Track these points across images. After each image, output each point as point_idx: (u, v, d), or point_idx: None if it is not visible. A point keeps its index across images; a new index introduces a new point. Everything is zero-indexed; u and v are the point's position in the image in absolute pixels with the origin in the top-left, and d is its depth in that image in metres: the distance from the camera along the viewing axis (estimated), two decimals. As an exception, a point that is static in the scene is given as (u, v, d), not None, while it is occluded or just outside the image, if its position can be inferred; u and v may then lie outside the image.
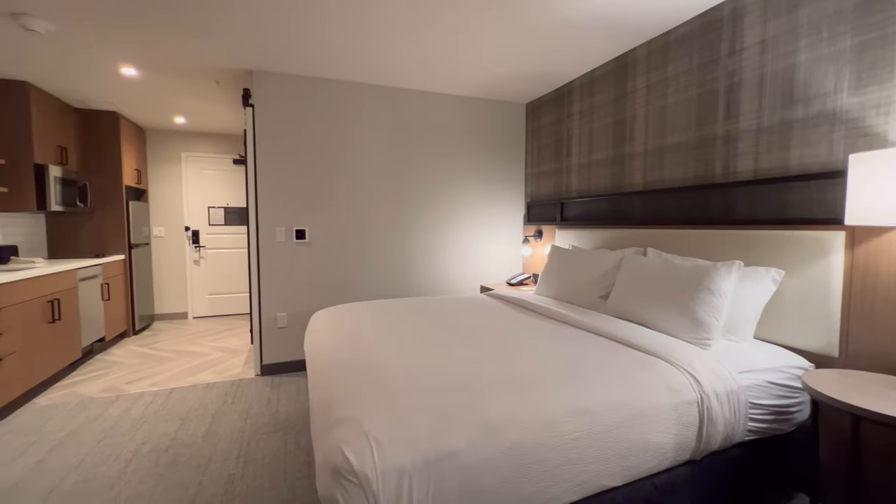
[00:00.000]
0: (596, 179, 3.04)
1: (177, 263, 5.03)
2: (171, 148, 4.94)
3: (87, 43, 2.59)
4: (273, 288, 3.18)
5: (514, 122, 3.87)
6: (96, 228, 4.02)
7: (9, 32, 2.44)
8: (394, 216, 3.51)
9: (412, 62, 2.93)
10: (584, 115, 3.13)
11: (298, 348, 3.26)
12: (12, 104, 3.18)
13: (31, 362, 2.68)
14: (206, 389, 2.89)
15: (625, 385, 1.34)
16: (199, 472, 1.93)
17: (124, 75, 3.13)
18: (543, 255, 3.63)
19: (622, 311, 2.10)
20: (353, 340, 1.75)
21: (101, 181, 4.03)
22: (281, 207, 3.17)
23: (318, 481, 1.07)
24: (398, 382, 1.29)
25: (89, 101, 3.79)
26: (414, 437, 1.06)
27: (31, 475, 1.91)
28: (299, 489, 1.82)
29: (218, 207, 5.15)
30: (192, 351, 3.80)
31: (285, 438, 2.24)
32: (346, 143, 3.32)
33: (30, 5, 2.15)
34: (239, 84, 3.29)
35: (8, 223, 3.37)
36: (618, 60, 2.80)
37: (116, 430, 2.33)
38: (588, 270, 2.48)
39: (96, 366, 3.41)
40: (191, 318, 5.07)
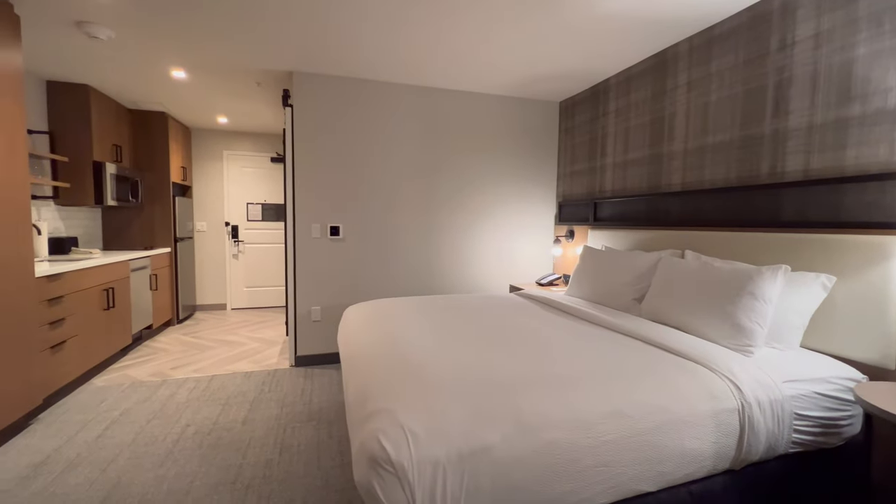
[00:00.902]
0: (631, 179, 2.97)
1: (217, 257, 5.27)
2: (213, 146, 5.18)
3: (142, 48, 2.75)
4: (308, 282, 3.29)
5: (546, 121, 3.83)
6: (146, 222, 4.27)
7: (74, 40, 2.62)
8: (424, 214, 3.55)
9: (444, 62, 2.95)
10: (621, 113, 3.07)
11: (331, 341, 3.35)
12: (76, 106, 3.43)
13: (89, 346, 2.89)
14: (244, 378, 3.02)
15: (661, 389, 1.32)
16: (240, 456, 2.03)
17: (174, 77, 3.31)
18: (575, 255, 3.58)
19: (658, 314, 2.05)
20: (386, 335, 1.79)
21: (150, 178, 4.28)
22: (316, 204, 3.27)
23: (355, 469, 1.11)
24: (432, 377, 1.32)
25: (141, 103, 4.02)
26: (448, 431, 1.08)
27: (91, 448, 2.07)
28: (332, 478, 1.88)
29: (256, 204, 5.36)
30: (231, 341, 3.98)
31: (318, 428, 2.32)
32: (380, 142, 3.38)
33: (94, 14, 2.31)
34: (279, 85, 3.41)
35: (69, 216, 3.64)
36: (657, 57, 2.73)
37: (164, 412, 2.48)
38: (622, 272, 2.43)
39: (144, 351, 3.63)
40: (229, 309, 5.30)
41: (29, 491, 1.75)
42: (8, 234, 2.11)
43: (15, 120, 2.19)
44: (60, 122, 3.40)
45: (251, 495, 1.75)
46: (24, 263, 2.23)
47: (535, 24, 2.39)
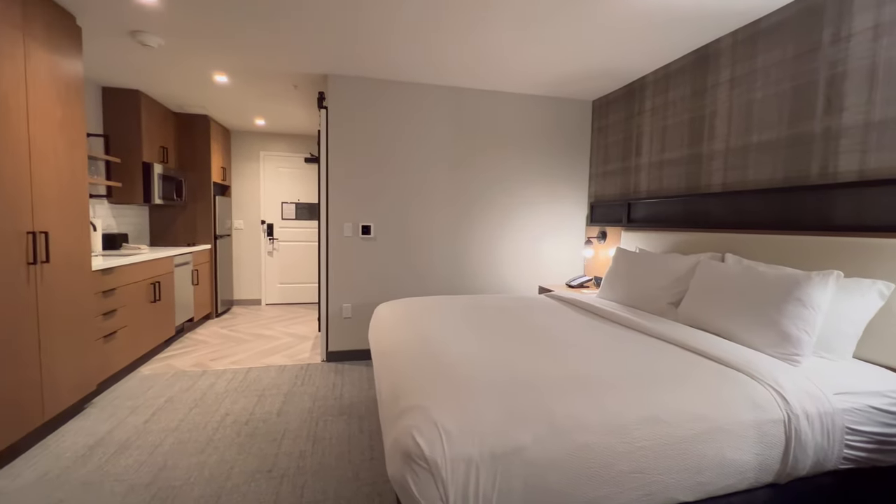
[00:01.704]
0: (668, 179, 2.88)
1: (253, 254, 5.47)
2: (251, 147, 5.38)
3: (188, 54, 2.90)
4: (339, 280, 3.37)
5: (578, 120, 3.77)
6: (188, 220, 4.49)
7: (128, 48, 2.79)
8: (454, 214, 3.56)
9: (475, 62, 2.95)
10: (657, 111, 2.98)
11: (361, 338, 3.42)
12: (128, 110, 3.64)
13: (137, 336, 3.07)
14: (278, 371, 3.13)
15: (701, 396, 1.27)
16: (275, 446, 2.11)
17: (216, 82, 3.46)
18: (607, 257, 3.51)
19: (696, 319, 1.98)
20: (417, 334, 1.82)
21: (193, 178, 4.50)
22: (349, 204, 3.34)
23: (389, 464, 1.14)
24: (464, 376, 1.33)
25: (186, 106, 4.23)
26: (481, 430, 1.09)
27: (139, 433, 2.20)
28: (363, 471, 1.92)
29: (290, 203, 5.53)
30: (266, 335, 4.13)
31: (349, 422, 2.37)
32: (411, 142, 3.42)
33: (147, 23, 2.45)
34: (315, 87, 3.51)
35: (120, 213, 3.87)
36: (697, 53, 2.64)
37: (204, 401, 2.60)
38: (657, 275, 2.37)
39: (186, 343, 3.82)
40: (264, 305, 5.50)
41: (86, 469, 1.88)
42: (70, 230, 2.27)
43: (76, 124, 2.35)
44: (114, 125, 3.63)
45: (286, 484, 1.81)
46: (83, 258, 2.39)
47: (569, 23, 2.36)
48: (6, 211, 1.86)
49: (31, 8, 2.01)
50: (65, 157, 2.25)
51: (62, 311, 2.21)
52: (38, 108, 2.06)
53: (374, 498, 1.74)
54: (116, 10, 2.29)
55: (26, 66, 1.98)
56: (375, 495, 1.76)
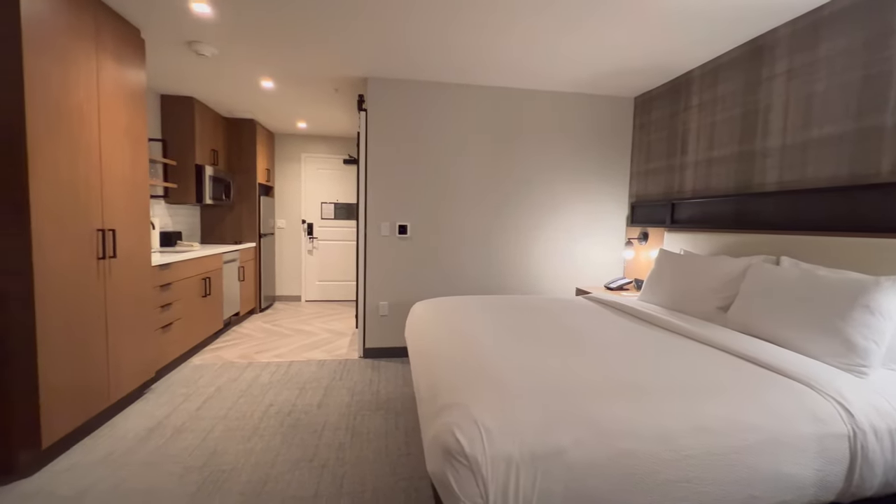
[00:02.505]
0: (716, 178, 2.74)
1: (294, 252, 5.69)
2: (293, 149, 5.59)
3: (238, 62, 3.05)
4: (376, 278, 3.44)
5: (619, 118, 3.66)
6: (235, 219, 4.73)
7: (185, 58, 2.98)
8: (489, 214, 3.55)
9: (513, 61, 2.93)
10: (705, 107, 2.85)
11: (397, 336, 3.48)
12: (182, 116, 3.88)
13: (190, 328, 3.27)
14: (318, 365, 3.24)
15: (754, 406, 1.21)
16: (316, 437, 2.19)
17: (263, 87, 3.62)
18: (648, 259, 3.39)
19: (747, 325, 1.88)
20: (455, 332, 1.83)
21: (240, 179, 4.73)
22: (386, 203, 3.41)
23: (429, 459, 1.15)
24: (503, 375, 1.33)
25: (234, 111, 4.46)
26: (522, 430, 1.09)
27: (193, 418, 2.34)
28: (399, 466, 1.96)
29: (329, 203, 5.70)
30: (306, 330, 4.28)
31: (386, 417, 2.42)
32: (447, 142, 3.45)
33: (202, 34, 2.60)
34: (355, 90, 3.60)
35: (175, 213, 4.13)
36: (750, 45, 2.50)
37: (250, 391, 2.73)
38: (704, 278, 2.26)
39: (233, 336, 4.03)
40: (303, 301, 5.70)
41: (146, 450, 2.03)
42: (133, 228, 2.45)
43: (139, 130, 2.53)
44: (171, 130, 3.88)
45: (327, 474, 1.88)
46: (144, 254, 2.57)
47: (612, 17, 2.30)
48: (80, 210, 2.04)
49: (102, 23, 2.18)
50: (129, 161, 2.43)
51: (126, 303, 2.39)
52: (108, 115, 2.24)
53: (410, 493, 1.77)
54: (176, 22, 2.45)
55: (98, 77, 2.16)
56: (412, 490, 1.79)
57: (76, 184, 2.01)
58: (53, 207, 1.87)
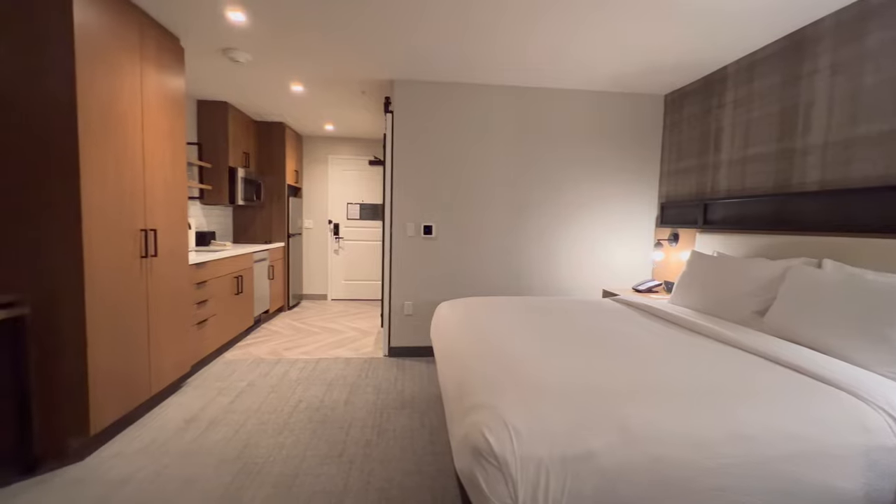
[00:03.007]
0: (752, 177, 2.65)
1: (320, 251, 5.81)
2: (320, 151, 5.72)
3: (270, 67, 3.15)
4: (401, 278, 3.48)
5: (648, 116, 3.58)
6: (265, 219, 4.87)
7: (220, 64, 3.09)
8: (514, 214, 3.54)
9: (540, 60, 2.91)
10: (740, 104, 2.75)
11: (421, 335, 3.51)
12: (217, 120, 4.04)
13: (223, 325, 3.39)
14: (344, 363, 3.30)
15: (794, 414, 1.17)
16: (343, 433, 2.23)
17: (293, 91, 3.72)
18: (679, 261, 3.30)
19: (786, 330, 1.81)
20: (481, 333, 1.84)
21: (270, 180, 4.87)
22: (411, 204, 3.44)
23: (457, 458, 1.17)
24: (532, 377, 1.32)
25: (265, 115, 4.60)
26: (551, 432, 1.08)
27: (226, 412, 2.43)
28: (425, 464, 1.98)
29: (355, 203, 5.80)
30: (332, 328, 4.37)
31: (411, 416, 2.45)
32: (473, 143, 3.45)
33: (238, 41, 2.70)
34: (381, 93, 3.66)
35: (210, 213, 4.29)
36: (790, 38, 2.40)
37: (280, 387, 2.81)
38: (740, 281, 2.19)
39: (262, 333, 4.15)
40: (329, 300, 5.82)
41: (184, 440, 2.12)
42: (173, 228, 2.57)
43: (178, 135, 2.65)
44: (206, 134, 4.03)
45: (355, 470, 1.91)
46: (182, 252, 2.69)
47: (643, 13, 2.25)
48: (125, 211, 2.15)
49: (146, 33, 2.30)
50: (169, 164, 2.54)
51: (165, 300, 2.50)
52: (150, 121, 2.36)
53: (436, 491, 1.79)
54: (213, 30, 2.54)
55: (142, 84, 2.27)
56: (438, 489, 1.80)
57: (122, 186, 2.12)
58: (101, 208, 1.98)
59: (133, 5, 2.21)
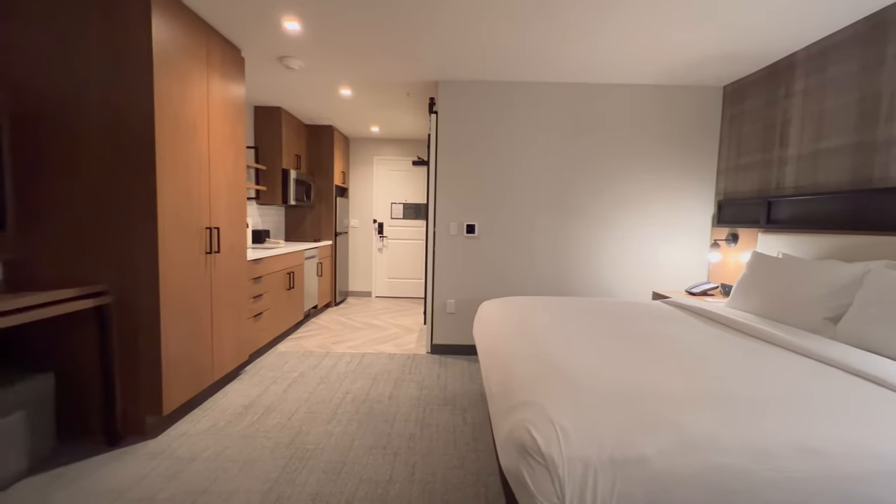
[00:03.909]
0: (825, 173, 2.44)
1: (365, 250, 5.99)
2: (366, 152, 5.89)
3: (321, 72, 3.29)
4: (444, 277, 3.52)
5: (705, 109, 3.39)
6: (315, 219, 5.09)
7: (275, 71, 3.27)
8: (559, 213, 3.47)
9: (589, 55, 2.84)
10: (811, 93, 2.54)
11: (463, 333, 3.53)
12: (271, 125, 4.27)
13: (277, 318, 3.59)
14: (388, 358, 3.39)
15: (875, 430, 1.07)
16: (388, 426, 2.30)
17: (342, 95, 3.86)
18: (738, 262, 3.10)
19: (864, 339, 1.66)
20: (526, 332, 1.83)
21: (319, 181, 5.08)
22: (455, 203, 3.47)
23: (502, 455, 1.17)
24: (578, 377, 1.30)
25: (315, 118, 4.80)
26: (600, 434, 1.06)
27: (280, 400, 2.57)
28: (468, 461, 2.00)
29: (398, 203, 5.92)
30: (376, 324, 4.49)
31: (454, 412, 2.47)
32: (517, 141, 3.43)
33: (292, 49, 2.85)
34: (426, 94, 3.71)
35: (264, 213, 4.55)
36: (870, 20, 2.19)
37: (328, 378, 2.93)
38: (809, 285, 2.03)
39: (311, 327, 4.34)
40: (373, 297, 5.98)
41: (242, 424, 2.27)
42: (233, 226, 2.75)
43: (239, 140, 2.83)
44: (262, 137, 4.28)
45: (399, 462, 1.97)
46: (241, 249, 2.88)
47: (698, 2, 2.14)
48: (193, 211, 2.33)
49: (212, 45, 2.48)
50: (231, 167, 2.73)
51: (226, 293, 2.69)
52: (215, 127, 2.54)
53: (479, 488, 1.80)
54: (270, 40, 2.70)
55: (208, 92, 2.45)
56: (481, 486, 1.81)
57: (190, 187, 2.30)
58: (173, 208, 2.16)
59: (201, 20, 2.39)
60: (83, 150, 2.00)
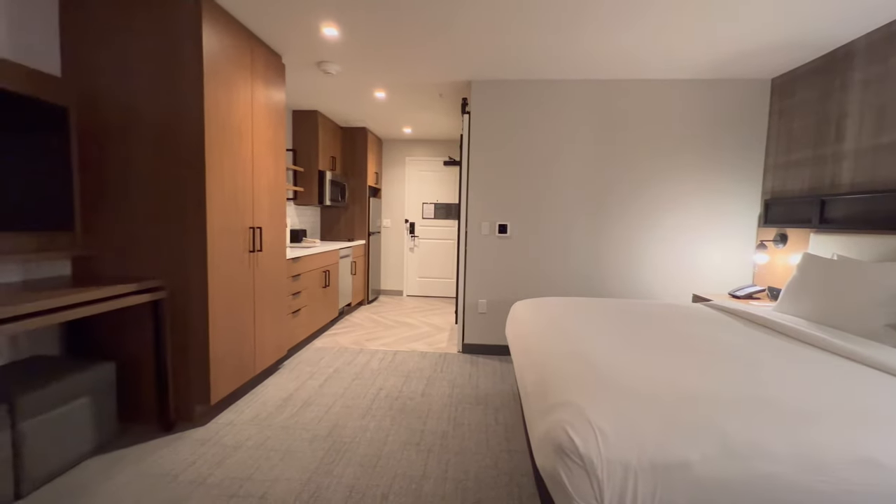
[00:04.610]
0: (887, 169, 2.28)
1: (397, 249, 6.08)
2: (398, 153, 5.98)
3: (357, 76, 3.37)
4: (476, 276, 3.52)
5: (751, 103, 3.23)
6: (349, 219, 5.22)
7: (313, 76, 3.38)
8: (593, 213, 3.41)
9: (626, 50, 2.77)
10: (872, 84, 2.38)
11: (495, 333, 3.53)
12: (309, 128, 4.41)
13: (313, 315, 3.71)
14: (420, 356, 3.43)
15: (944, 445, 1.00)
16: (421, 422, 2.33)
17: (376, 98, 3.94)
18: (787, 264, 2.94)
19: (931, 348, 1.54)
20: (562, 332, 1.81)
21: (353, 182, 5.21)
22: (487, 203, 3.47)
23: (539, 455, 1.17)
24: (617, 379, 1.28)
25: (349, 121, 4.92)
26: (640, 437, 1.05)
27: (317, 394, 2.66)
28: (501, 461, 2.00)
29: (430, 203, 5.98)
30: (408, 323, 4.55)
31: (486, 412, 2.48)
32: (551, 140, 3.39)
33: (330, 55, 2.94)
34: (459, 94, 3.73)
35: (301, 213, 4.71)
36: (944, 2, 2.02)
37: (362, 375, 3.01)
38: (868, 289, 1.90)
39: (345, 324, 4.46)
40: (405, 296, 6.06)
41: (282, 416, 2.37)
42: (274, 226, 2.87)
43: (280, 143, 2.95)
44: (299, 140, 4.43)
45: (432, 458, 1.99)
46: (281, 248, 3.00)
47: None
48: (239, 211, 2.45)
49: (256, 54, 2.60)
50: (272, 169, 2.85)
51: (267, 290, 2.81)
52: (258, 131, 2.66)
53: (512, 489, 1.80)
54: (310, 46, 2.79)
55: (252, 98, 2.57)
56: (514, 486, 1.81)
57: (235, 188, 2.42)
58: (221, 208, 2.28)
59: (246, 30, 2.51)
60: (141, 156, 2.14)
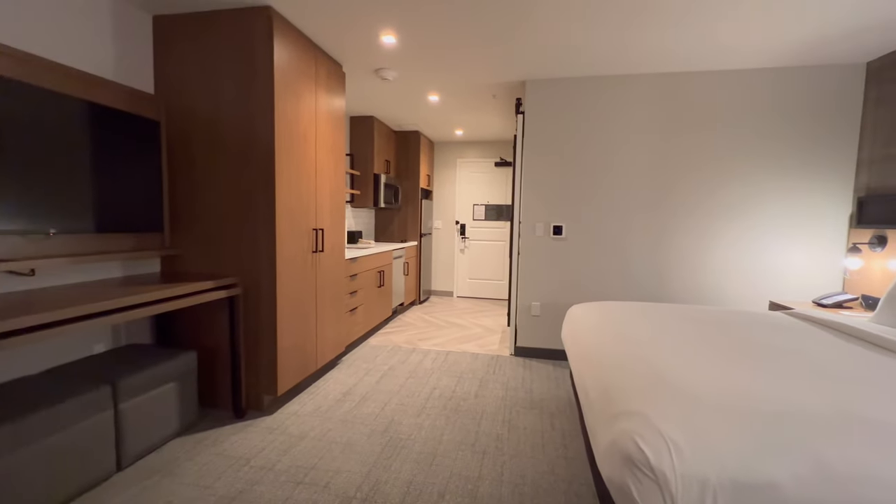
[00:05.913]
0: None
1: (448, 250, 6.13)
2: (449, 155, 6.03)
3: (411, 81, 3.45)
4: (529, 278, 3.47)
5: (840, 91, 2.91)
6: (402, 220, 5.35)
7: (371, 82, 3.50)
8: (656, 214, 3.23)
9: (692, 39, 2.60)
10: None
11: (549, 337, 3.45)
12: (365, 133, 4.58)
13: (369, 313, 3.84)
14: (472, 358, 3.44)
15: None
16: (475, 424, 2.34)
17: (429, 101, 4.01)
18: (885, 270, 2.62)
19: None
20: (624, 337, 1.74)
21: (406, 185, 5.33)
22: (541, 204, 3.41)
23: (604, 465, 1.13)
24: (690, 389, 1.21)
25: (403, 125, 5.04)
26: (719, 452, 0.98)
27: (374, 390, 2.75)
28: (558, 467, 1.95)
29: (480, 204, 5.97)
30: (459, 324, 4.58)
31: (541, 416, 2.43)
32: (608, 139, 3.26)
33: (388, 62, 3.03)
34: (512, 95, 3.70)
35: (357, 215, 4.89)
36: None
37: (416, 373, 3.06)
38: None
39: (398, 323, 4.56)
40: (455, 297, 6.10)
41: (342, 410, 2.47)
42: (334, 227, 3.01)
43: (340, 148, 3.09)
44: (356, 145, 4.61)
45: (488, 460, 1.99)
46: (340, 249, 3.13)
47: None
48: (303, 213, 2.59)
49: (320, 64, 2.74)
50: (333, 173, 2.98)
51: (328, 289, 2.94)
52: (321, 137, 2.80)
53: (570, 496, 1.75)
54: (368, 54, 2.90)
55: (316, 107, 2.71)
56: (572, 494, 1.76)
57: (301, 192, 2.56)
58: (289, 211, 2.42)
59: (311, 42, 2.65)
60: (220, 163, 2.33)
